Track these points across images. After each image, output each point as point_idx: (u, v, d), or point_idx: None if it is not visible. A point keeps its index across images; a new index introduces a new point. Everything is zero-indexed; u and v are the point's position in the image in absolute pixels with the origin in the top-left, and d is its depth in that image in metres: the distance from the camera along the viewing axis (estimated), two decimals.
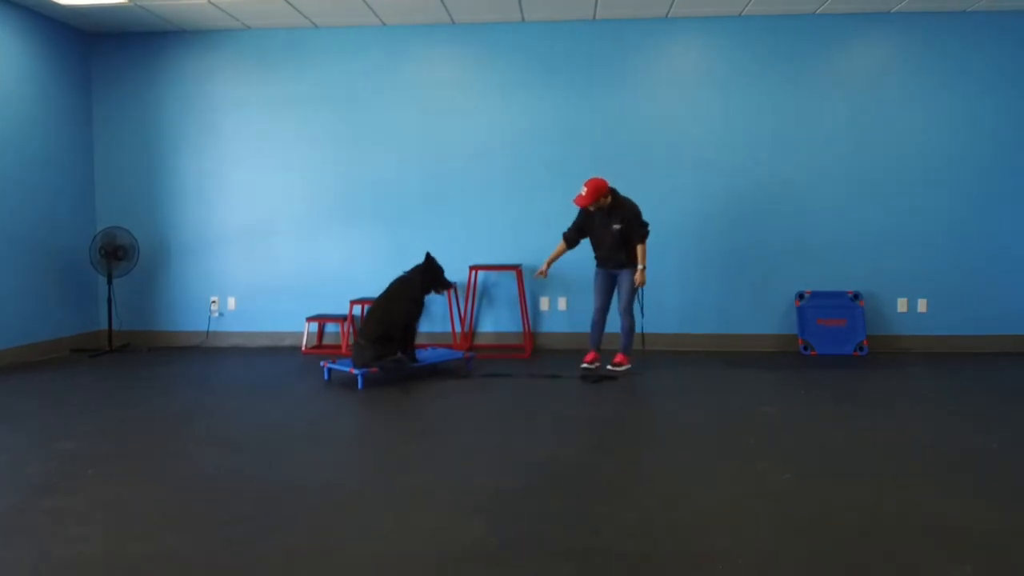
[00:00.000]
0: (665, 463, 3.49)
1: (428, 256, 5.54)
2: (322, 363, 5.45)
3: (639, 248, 5.42)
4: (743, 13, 6.37)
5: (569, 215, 6.87)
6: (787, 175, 6.51)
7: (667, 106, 6.56)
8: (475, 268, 6.52)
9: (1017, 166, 6.38)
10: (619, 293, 5.58)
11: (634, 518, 2.77)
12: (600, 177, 5.49)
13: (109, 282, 6.67)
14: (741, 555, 2.45)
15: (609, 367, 5.57)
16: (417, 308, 5.46)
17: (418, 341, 6.84)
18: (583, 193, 5.37)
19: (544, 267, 5.66)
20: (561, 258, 5.73)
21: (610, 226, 5.43)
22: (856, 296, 6.45)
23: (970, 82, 6.36)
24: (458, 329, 6.70)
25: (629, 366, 5.60)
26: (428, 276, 5.50)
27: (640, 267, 5.41)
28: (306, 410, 4.53)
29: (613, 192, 5.44)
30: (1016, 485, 3.11)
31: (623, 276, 5.53)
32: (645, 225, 5.45)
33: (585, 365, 5.60)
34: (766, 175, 6.52)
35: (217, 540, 2.59)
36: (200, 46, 6.86)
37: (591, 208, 5.43)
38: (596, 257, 5.64)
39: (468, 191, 6.75)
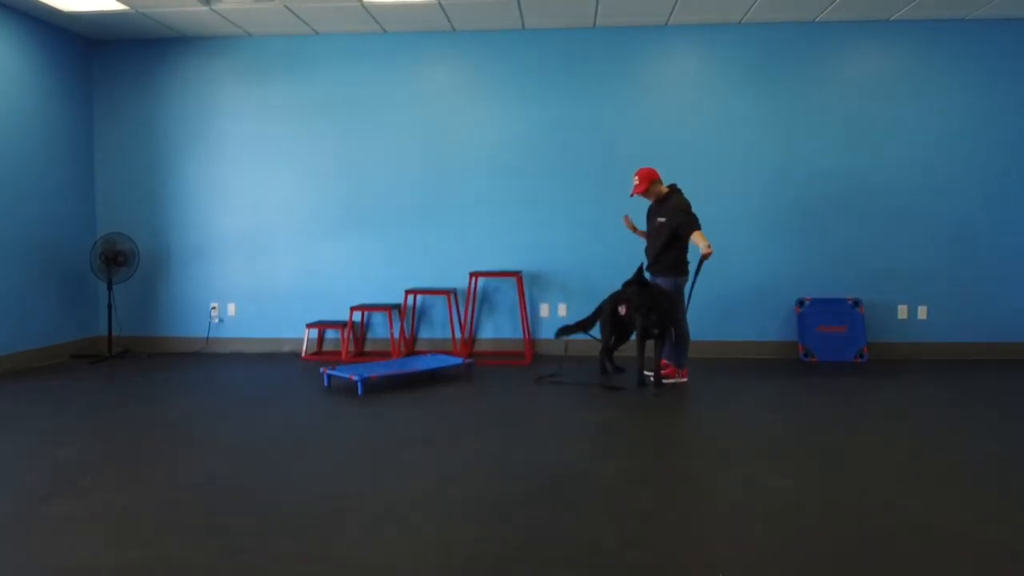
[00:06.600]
0: (665, 470, 3.49)
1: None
2: (322, 369, 5.45)
3: (696, 235, 5.06)
4: (743, 21, 6.40)
5: (569, 220, 6.88)
6: (786, 180, 6.52)
7: (667, 113, 6.58)
8: (475, 275, 6.52)
9: (1019, 173, 6.40)
10: None
11: (635, 525, 2.76)
12: (649, 167, 5.50)
13: (109, 288, 6.68)
14: (741, 561, 2.44)
15: (652, 377, 5.35)
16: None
17: (417, 347, 6.87)
18: (635, 183, 5.37)
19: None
20: (561, 263, 5.69)
21: (656, 218, 5.38)
22: (856, 303, 6.45)
23: (971, 89, 6.38)
24: (458, 336, 6.69)
25: (676, 379, 5.41)
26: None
27: (704, 243, 4.99)
28: (306, 416, 4.52)
29: (672, 187, 5.38)
30: (1017, 492, 3.10)
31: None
32: (693, 218, 5.15)
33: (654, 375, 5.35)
34: (765, 180, 6.53)
35: (216, 546, 2.59)
36: (201, 53, 6.89)
37: (647, 196, 5.40)
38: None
39: (468, 198, 6.76)
